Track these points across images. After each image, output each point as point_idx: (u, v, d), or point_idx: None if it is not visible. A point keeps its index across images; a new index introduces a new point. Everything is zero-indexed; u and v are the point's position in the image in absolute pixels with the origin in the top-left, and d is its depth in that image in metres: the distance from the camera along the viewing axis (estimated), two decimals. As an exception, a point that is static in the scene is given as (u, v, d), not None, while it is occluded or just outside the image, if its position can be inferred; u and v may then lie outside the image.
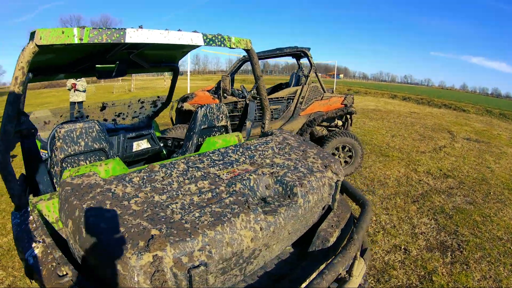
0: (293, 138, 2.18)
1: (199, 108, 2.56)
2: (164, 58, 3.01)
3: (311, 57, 5.33)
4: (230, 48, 2.14)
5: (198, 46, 2.24)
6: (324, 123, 5.73)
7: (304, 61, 6.00)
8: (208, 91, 5.73)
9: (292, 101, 5.32)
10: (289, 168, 1.74)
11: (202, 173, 1.58)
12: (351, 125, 5.74)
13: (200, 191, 1.41)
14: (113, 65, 2.69)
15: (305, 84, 5.29)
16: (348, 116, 5.60)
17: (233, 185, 1.48)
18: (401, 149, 7.71)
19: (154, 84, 34.58)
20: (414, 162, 6.65)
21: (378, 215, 4.23)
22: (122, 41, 1.65)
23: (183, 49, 2.90)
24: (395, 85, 75.92)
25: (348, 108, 5.30)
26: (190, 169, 1.61)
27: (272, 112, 5.40)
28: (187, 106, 5.74)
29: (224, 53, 39.18)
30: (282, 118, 5.39)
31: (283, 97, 5.34)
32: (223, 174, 1.59)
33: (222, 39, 2.06)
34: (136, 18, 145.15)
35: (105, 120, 3.66)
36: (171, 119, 6.18)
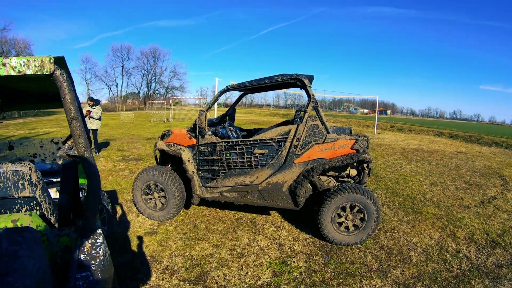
0: None
1: None
2: (46, 91, 2.15)
3: (310, 87, 4.16)
4: (13, 76, 1.17)
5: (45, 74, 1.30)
6: (332, 173, 4.49)
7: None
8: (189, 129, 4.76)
9: (284, 144, 4.18)
10: None
11: None
12: (368, 175, 4.44)
13: None
14: None
15: (301, 123, 4.13)
16: (365, 165, 4.31)
17: None
18: (440, 202, 6.18)
19: (193, 114, 34.87)
20: (454, 223, 5.14)
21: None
22: None
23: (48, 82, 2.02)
24: (443, 122, 72.02)
25: (360, 154, 4.04)
26: None
27: (257, 158, 4.29)
28: (160, 145, 4.84)
29: None
30: (271, 166, 4.26)
31: (272, 139, 4.22)
32: None
33: None
34: (185, 50, 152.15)
35: (20, 159, 3.13)
36: (155, 158, 5.28)
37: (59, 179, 2.94)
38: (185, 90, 79.45)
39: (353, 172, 4.50)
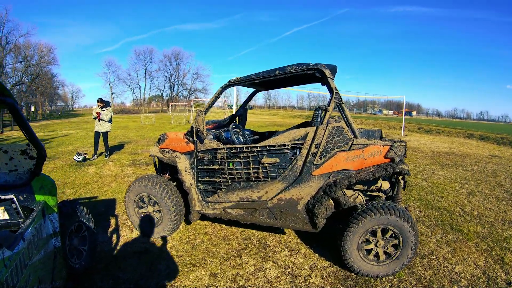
0: None
1: None
2: None
3: (332, 79, 3.24)
4: None
5: None
6: (359, 186, 3.59)
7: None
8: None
9: (300, 152, 3.30)
10: None
11: None
12: (404, 188, 3.51)
13: None
14: None
15: (320, 124, 3.27)
16: (401, 177, 3.39)
17: None
18: (482, 216, 5.14)
19: (216, 116, 34.17)
20: (500, 243, 4.15)
21: None
22: None
23: None
24: (470, 122, 68.62)
25: (396, 165, 3.13)
26: None
27: (266, 168, 3.44)
28: (154, 151, 4.08)
29: (294, 89, 37.74)
30: (283, 179, 3.38)
31: (285, 145, 3.34)
32: None
33: None
34: (208, 53, 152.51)
35: None
36: (155, 165, 4.52)
37: (9, 196, 2.23)
38: (208, 92, 78.23)
39: (385, 185, 3.58)
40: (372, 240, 3.17)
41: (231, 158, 3.51)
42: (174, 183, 4.11)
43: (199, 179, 3.76)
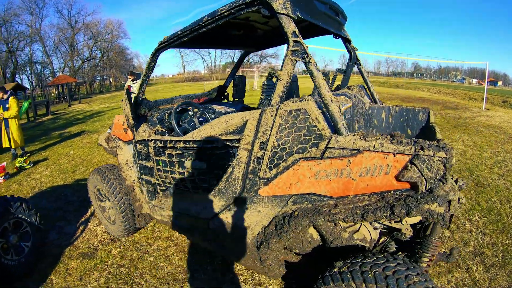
0: None
1: None
2: None
3: (286, 16, 1.64)
4: None
5: None
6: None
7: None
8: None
9: (237, 153, 1.94)
10: None
11: None
12: (448, 226, 1.54)
13: None
14: None
15: (267, 106, 1.74)
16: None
17: None
18: None
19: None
20: None
21: None
22: None
23: None
24: None
25: (420, 200, 1.41)
26: None
27: (193, 174, 2.20)
28: (100, 139, 3.26)
29: (369, 53, 33.05)
30: (219, 194, 2.06)
31: (214, 141, 2.00)
32: None
33: None
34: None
35: None
36: None
37: None
38: (280, 57, 71.67)
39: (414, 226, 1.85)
40: None
41: (159, 155, 2.41)
42: None
43: (141, 176, 2.76)
